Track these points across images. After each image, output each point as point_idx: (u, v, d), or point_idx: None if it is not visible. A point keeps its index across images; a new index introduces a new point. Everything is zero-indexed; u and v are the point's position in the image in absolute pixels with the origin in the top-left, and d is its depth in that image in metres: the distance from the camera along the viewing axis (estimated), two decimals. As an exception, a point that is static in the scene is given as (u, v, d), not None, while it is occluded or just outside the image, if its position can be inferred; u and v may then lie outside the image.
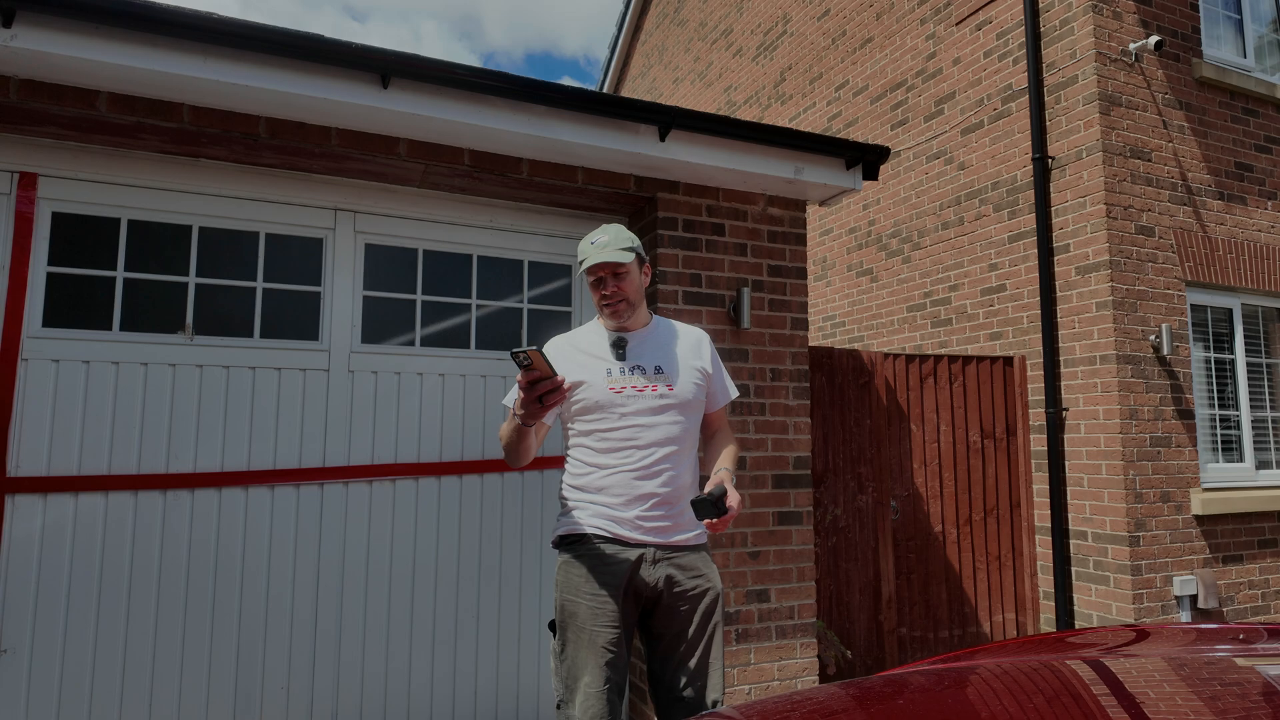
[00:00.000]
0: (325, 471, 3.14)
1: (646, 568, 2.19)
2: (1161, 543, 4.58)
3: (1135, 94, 4.90)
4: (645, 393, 2.25)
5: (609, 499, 2.21)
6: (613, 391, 2.24)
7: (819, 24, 7.51)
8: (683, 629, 2.22)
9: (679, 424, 2.28)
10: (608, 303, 2.28)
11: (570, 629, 2.16)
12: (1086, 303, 4.76)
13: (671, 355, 2.35)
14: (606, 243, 2.26)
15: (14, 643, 2.68)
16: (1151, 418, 4.66)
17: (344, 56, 2.75)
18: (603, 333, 2.35)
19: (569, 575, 2.20)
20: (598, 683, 2.10)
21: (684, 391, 2.30)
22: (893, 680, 1.55)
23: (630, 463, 2.21)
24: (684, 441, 2.29)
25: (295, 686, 3.03)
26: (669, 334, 2.42)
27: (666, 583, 2.20)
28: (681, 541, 2.25)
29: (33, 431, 2.76)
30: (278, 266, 3.19)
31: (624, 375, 2.26)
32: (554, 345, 2.36)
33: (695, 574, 2.24)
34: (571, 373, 2.24)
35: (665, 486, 2.22)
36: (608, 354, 2.30)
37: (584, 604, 2.15)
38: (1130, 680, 1.42)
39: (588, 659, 2.12)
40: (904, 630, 4.52)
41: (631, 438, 2.22)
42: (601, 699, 2.09)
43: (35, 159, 2.84)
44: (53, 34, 2.43)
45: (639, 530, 2.20)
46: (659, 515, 2.22)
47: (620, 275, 2.27)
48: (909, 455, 4.65)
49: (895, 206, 6.42)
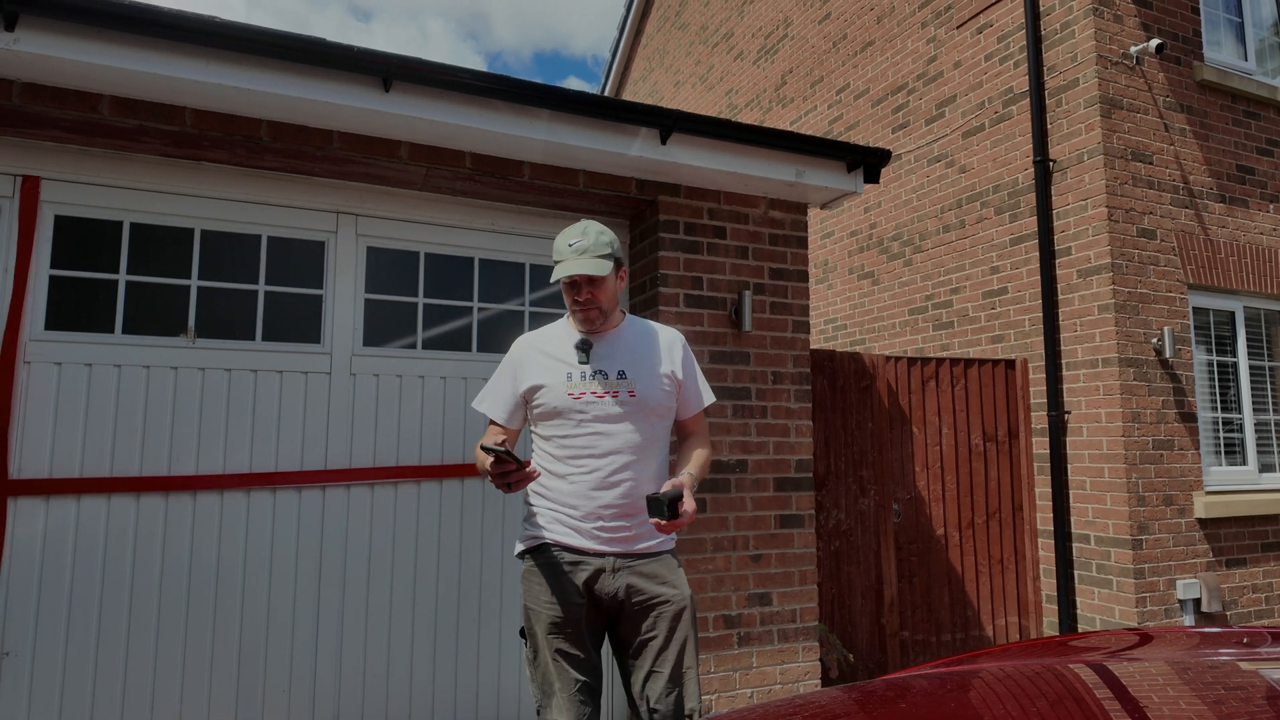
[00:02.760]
0: (327, 474, 3.14)
1: (606, 577, 2.13)
2: (1164, 546, 4.57)
3: (1136, 97, 4.90)
4: (605, 399, 2.16)
5: (568, 509, 2.16)
6: (571, 397, 2.16)
7: (820, 27, 7.52)
8: (651, 638, 2.15)
9: (640, 431, 2.18)
10: (580, 309, 2.20)
11: (539, 635, 2.14)
12: (1088, 305, 4.75)
13: (638, 359, 2.24)
14: (585, 249, 2.15)
15: (16, 646, 2.68)
16: (1154, 421, 4.65)
17: (346, 60, 2.75)
18: (570, 334, 2.27)
19: (530, 585, 2.18)
20: (569, 688, 2.09)
21: (648, 397, 2.20)
22: (895, 684, 1.55)
23: (587, 471, 2.14)
24: (646, 450, 2.19)
25: (297, 689, 3.03)
26: (640, 336, 2.31)
27: (628, 591, 2.14)
28: (645, 549, 2.18)
29: (35, 434, 2.77)
30: (280, 269, 3.19)
31: (584, 380, 2.18)
32: (520, 346, 2.30)
33: (659, 581, 2.16)
34: (533, 375, 2.20)
35: (624, 498, 2.14)
36: (571, 357, 2.21)
37: (545, 613, 2.12)
38: (1134, 684, 1.41)
39: (556, 668, 2.10)
40: (906, 634, 4.50)
41: (589, 446, 2.14)
42: (574, 703, 2.08)
43: (38, 162, 2.85)
44: (55, 37, 2.44)
45: (597, 540, 2.14)
46: (619, 525, 2.15)
47: (596, 282, 2.18)
48: (911, 458, 4.64)
49: (896, 209, 6.42)
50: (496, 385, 2.30)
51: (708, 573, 3.45)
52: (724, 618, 3.46)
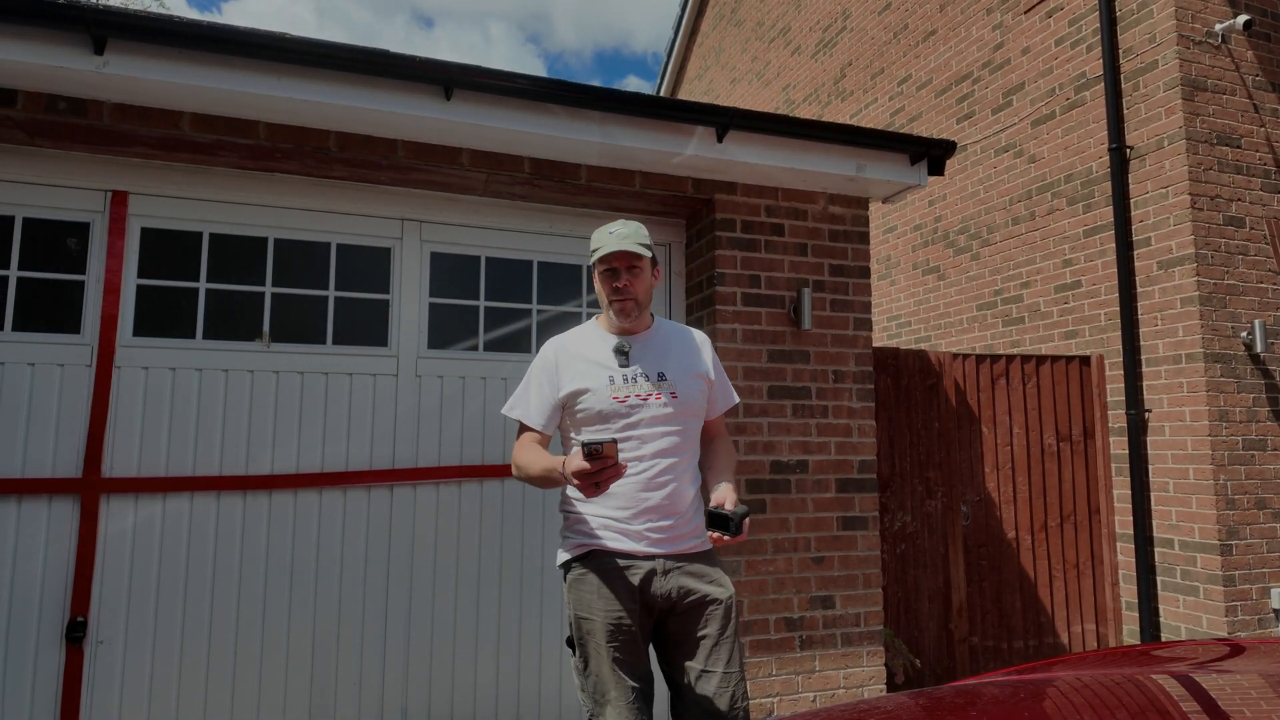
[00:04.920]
0: (394, 474, 3.23)
1: (658, 580, 2.13)
2: (1258, 552, 4.31)
3: (1222, 77, 4.64)
4: (649, 401, 2.17)
5: (614, 512, 2.14)
6: (615, 401, 2.16)
7: (880, 18, 7.35)
8: (703, 637, 2.14)
9: (682, 433, 2.20)
10: (618, 297, 2.19)
11: (589, 645, 2.10)
12: (1170, 298, 4.52)
13: (675, 360, 2.26)
14: (626, 235, 2.19)
15: (110, 634, 2.84)
16: (1244, 419, 4.39)
17: (408, 70, 2.83)
18: (604, 336, 2.27)
19: (581, 593, 2.14)
20: (625, 695, 2.05)
21: (688, 398, 2.22)
22: (965, 691, 1.50)
23: (634, 474, 2.12)
24: (686, 451, 2.22)
25: (367, 683, 3.13)
26: (673, 337, 2.33)
27: (680, 593, 2.14)
28: (690, 549, 2.19)
29: (124, 435, 2.93)
30: (348, 275, 3.30)
31: (627, 383, 2.18)
32: (555, 349, 2.27)
33: (708, 580, 2.17)
34: (575, 380, 2.19)
35: (669, 498, 2.16)
36: (611, 360, 2.21)
37: (599, 620, 2.09)
38: (1224, 698, 1.33)
39: (610, 676, 2.06)
40: (975, 639, 4.37)
41: (634, 448, 2.14)
42: (632, 710, 2.05)
43: (125, 178, 3.01)
44: (141, 59, 2.58)
45: (646, 542, 2.14)
46: (665, 525, 2.15)
47: (634, 270, 2.20)
48: (980, 459, 4.50)
49: (963, 202, 6.23)
50: (532, 390, 2.26)
51: (768, 574, 3.42)
52: (785, 620, 3.42)
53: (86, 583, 2.81)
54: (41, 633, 2.77)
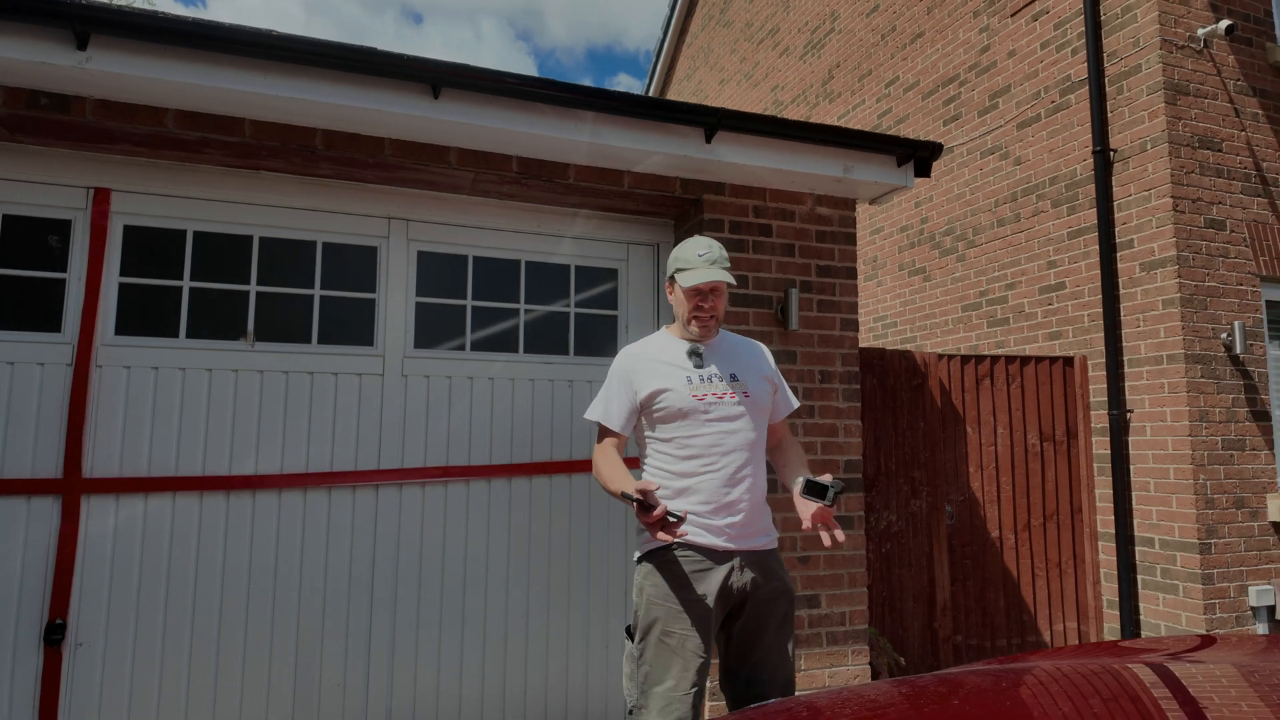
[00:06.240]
0: (380, 474, 3.22)
1: (735, 574, 2.24)
2: (1235, 551, 4.37)
3: (1204, 82, 4.70)
4: (725, 399, 2.32)
5: (697, 507, 2.24)
6: (695, 399, 2.30)
7: (868, 20, 7.39)
8: (763, 626, 2.28)
9: (756, 430, 2.35)
10: (702, 314, 2.34)
11: (657, 633, 2.19)
12: (1152, 300, 4.58)
13: (743, 364, 2.42)
14: (714, 259, 2.32)
15: (89, 636, 2.81)
16: (1224, 420, 4.45)
17: (396, 68, 2.81)
18: (676, 342, 2.42)
19: (659, 585, 2.23)
20: (684, 686, 2.14)
21: (759, 398, 2.38)
22: (946, 679, 1.53)
23: (717, 469, 2.26)
24: (759, 448, 2.36)
25: (351, 683, 3.11)
26: (738, 344, 2.51)
27: (753, 585, 2.26)
28: (763, 546, 2.33)
29: (106, 435, 2.90)
30: (334, 274, 3.28)
31: (704, 383, 2.33)
32: (631, 355, 2.42)
33: (775, 576, 2.32)
34: (653, 381, 2.32)
35: (748, 493, 2.29)
36: (686, 363, 2.36)
37: (676, 609, 2.18)
38: (1195, 685, 1.36)
39: (676, 663, 2.15)
40: (959, 638, 4.40)
41: (716, 444, 2.27)
42: (687, 701, 2.14)
43: (108, 175, 2.98)
44: (124, 55, 2.55)
45: (725, 537, 2.25)
46: (744, 521, 2.27)
47: (719, 293, 2.36)
48: (964, 459, 4.54)
49: (948, 204, 6.27)
50: (611, 395, 2.40)
51: (755, 574, 3.43)
52: (772, 619, 3.43)
53: (66, 584, 2.78)
54: (19, 635, 2.74)
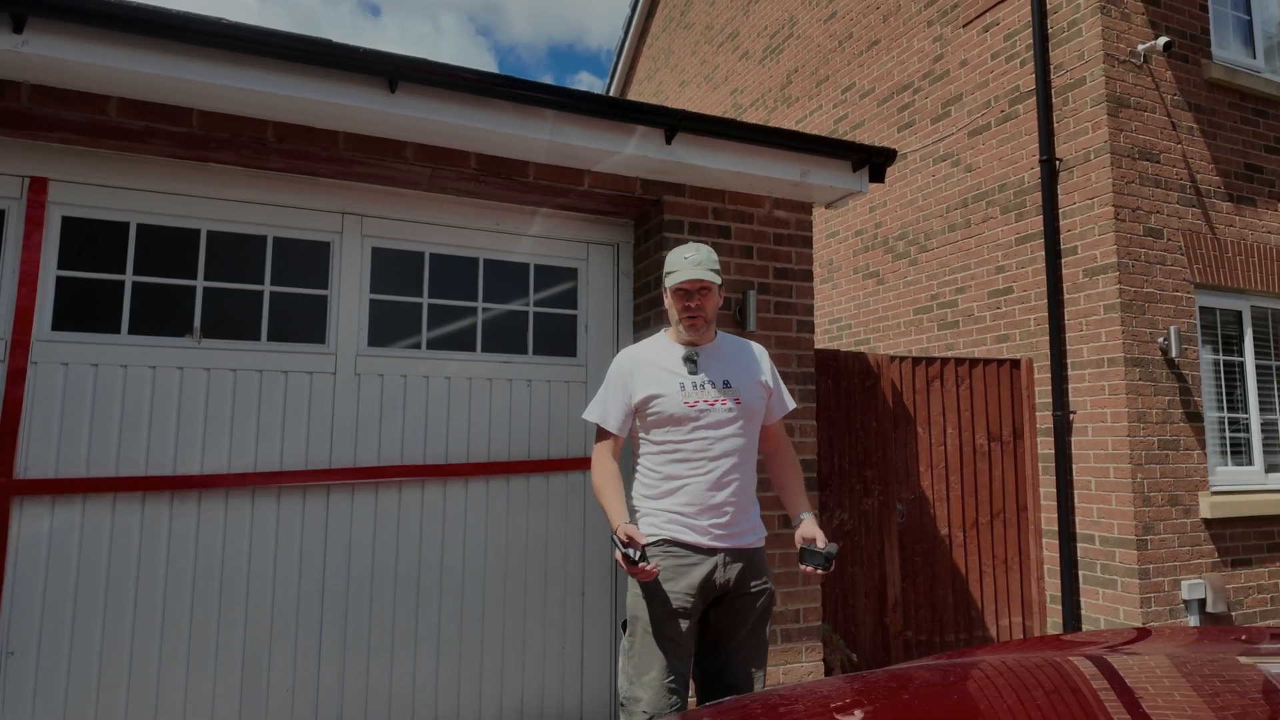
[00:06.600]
0: (332, 473, 3.16)
1: (719, 571, 2.32)
2: (1170, 547, 4.56)
3: (1144, 95, 4.88)
4: (716, 406, 2.38)
5: (682, 507, 2.34)
6: (686, 405, 2.36)
7: (825, 26, 7.50)
8: (741, 620, 2.36)
9: (746, 436, 2.42)
10: (690, 314, 2.39)
11: (642, 626, 2.28)
12: (1094, 305, 4.74)
13: (738, 369, 2.47)
14: (699, 261, 2.37)
15: (22, 644, 2.70)
16: (1160, 420, 4.64)
17: (351, 61, 2.76)
18: (672, 346, 2.47)
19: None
20: (664, 676, 2.23)
21: (751, 404, 2.43)
22: (897, 674, 1.58)
23: (703, 473, 2.34)
24: (748, 452, 2.44)
25: (301, 688, 3.04)
26: (735, 348, 2.55)
27: (738, 579, 2.34)
28: (749, 545, 2.40)
29: (41, 434, 2.78)
30: (285, 270, 3.20)
31: (696, 390, 2.39)
32: (629, 358, 2.47)
33: (758, 573, 2.40)
34: (647, 386, 2.37)
35: (734, 496, 2.37)
36: (681, 368, 2.41)
37: (659, 603, 2.27)
38: (1132, 675, 1.44)
39: (657, 655, 2.25)
40: (910, 634, 4.50)
41: (703, 449, 2.35)
42: (670, 689, 2.22)
43: (46, 164, 2.86)
44: (63, 39, 2.45)
45: (710, 536, 2.33)
46: (729, 522, 2.35)
47: (704, 292, 2.40)
48: (915, 458, 4.64)
49: (902, 209, 6.40)
50: (609, 397, 2.46)
51: (712, 573, 3.45)
52: (728, 618, 3.46)
53: (-2, 590, 2.66)
54: (-53, 643, 2.61)
